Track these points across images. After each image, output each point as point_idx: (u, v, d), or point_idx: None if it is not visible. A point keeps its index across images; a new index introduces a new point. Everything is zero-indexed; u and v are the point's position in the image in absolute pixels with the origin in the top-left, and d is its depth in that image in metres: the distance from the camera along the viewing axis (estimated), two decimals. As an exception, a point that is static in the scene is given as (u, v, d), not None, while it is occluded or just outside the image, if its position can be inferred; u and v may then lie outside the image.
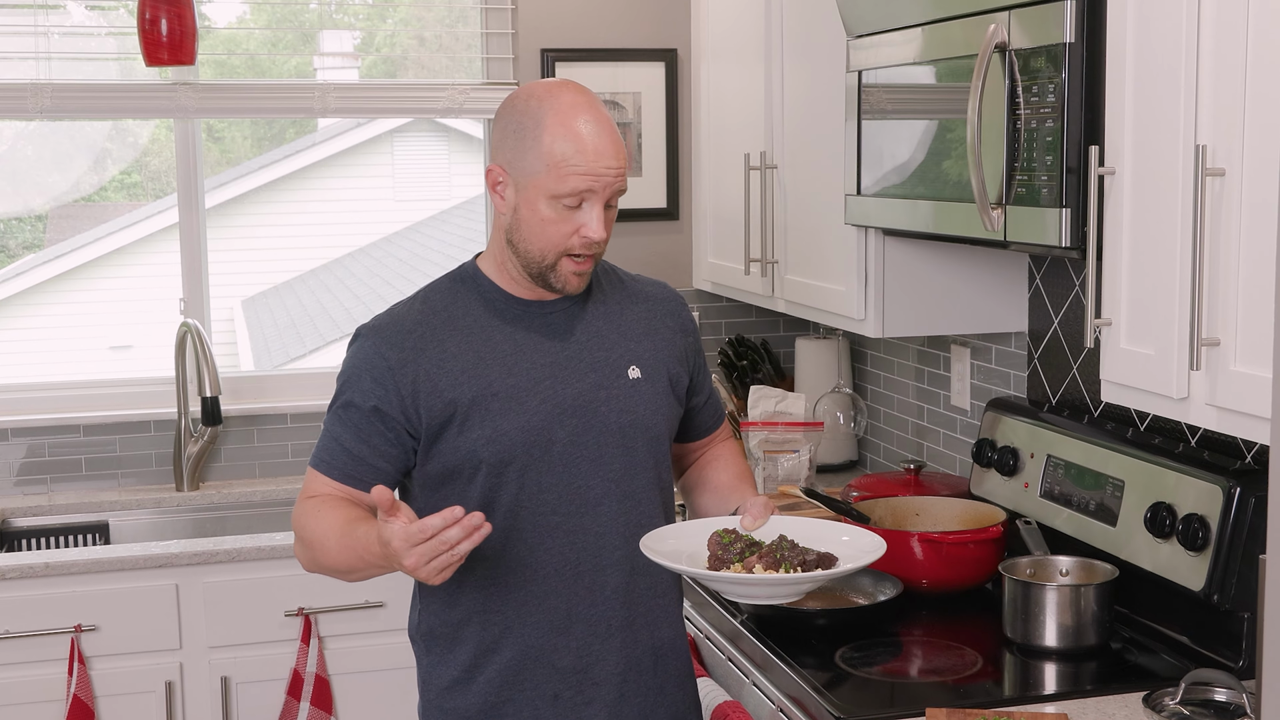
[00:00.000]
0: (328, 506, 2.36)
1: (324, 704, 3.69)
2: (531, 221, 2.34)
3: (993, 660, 2.79)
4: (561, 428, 2.39)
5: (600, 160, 2.31)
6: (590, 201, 2.32)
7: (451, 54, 4.49)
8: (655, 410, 2.47)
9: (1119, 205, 2.29)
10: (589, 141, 2.30)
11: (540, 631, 2.42)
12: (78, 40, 4.22)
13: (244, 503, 4.23)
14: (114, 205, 6.47)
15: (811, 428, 3.99)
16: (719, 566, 2.30)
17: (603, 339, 2.47)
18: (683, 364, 2.56)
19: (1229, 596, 2.55)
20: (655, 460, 2.49)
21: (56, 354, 5.47)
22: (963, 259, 3.28)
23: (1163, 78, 2.16)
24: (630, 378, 2.45)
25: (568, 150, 2.29)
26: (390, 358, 2.37)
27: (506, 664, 2.43)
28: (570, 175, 2.29)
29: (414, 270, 6.61)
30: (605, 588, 2.44)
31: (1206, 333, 2.09)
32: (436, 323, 2.41)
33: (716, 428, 2.71)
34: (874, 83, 3.00)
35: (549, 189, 2.31)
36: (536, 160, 2.31)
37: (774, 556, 2.28)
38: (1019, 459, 3.17)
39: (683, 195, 4.53)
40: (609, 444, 2.42)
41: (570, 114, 2.32)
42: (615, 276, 2.58)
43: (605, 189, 2.32)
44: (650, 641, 2.50)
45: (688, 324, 2.61)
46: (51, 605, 3.58)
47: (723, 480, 2.63)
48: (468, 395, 2.36)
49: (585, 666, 2.44)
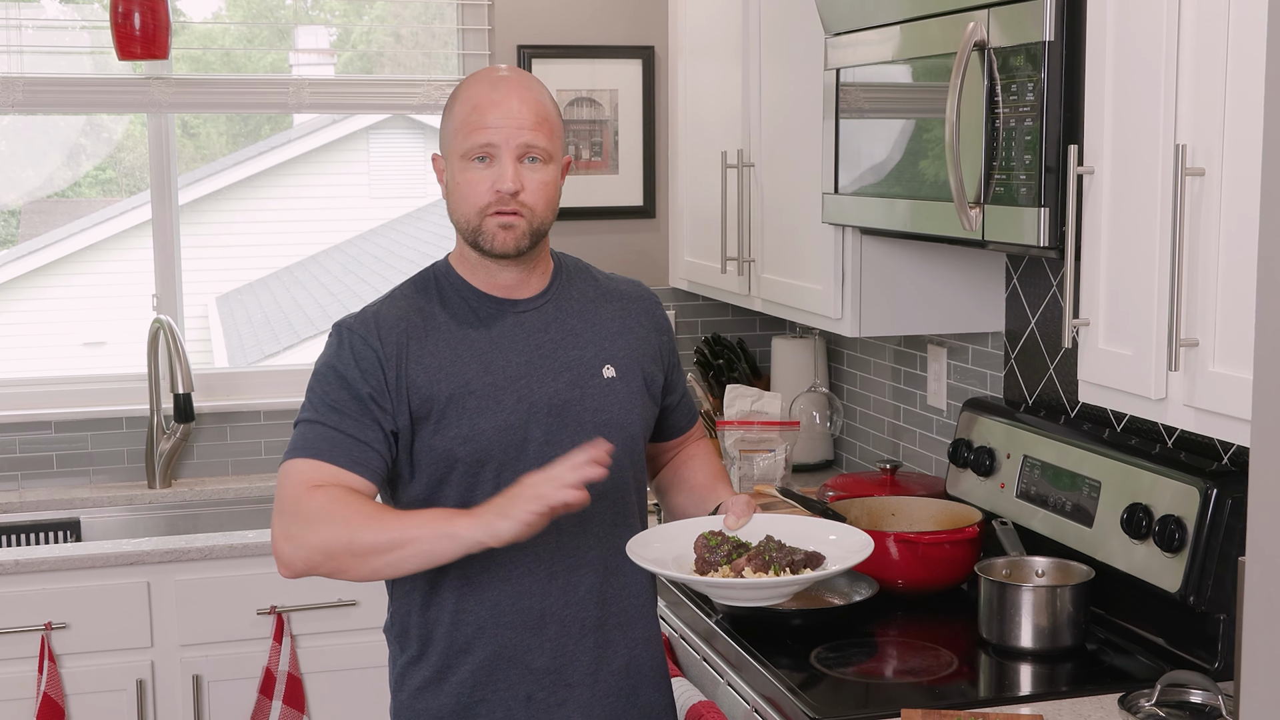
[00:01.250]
0: (355, 495, 2.27)
1: (296, 703, 3.67)
2: (454, 189, 2.40)
3: (968, 661, 2.78)
4: (537, 427, 2.38)
5: (499, 112, 2.35)
6: (497, 155, 2.35)
7: (428, 50, 4.47)
8: (630, 409, 2.46)
9: (1098, 205, 2.28)
10: (488, 96, 2.36)
11: (514, 632, 2.40)
12: (50, 34, 4.19)
13: (216, 500, 4.20)
14: (88, 201, 6.45)
15: (787, 427, 3.98)
16: (706, 569, 2.29)
17: (577, 337, 2.45)
18: (657, 363, 2.55)
19: (1205, 598, 2.54)
20: (630, 460, 2.47)
21: (29, 350, 5.44)
22: (940, 258, 3.28)
23: (1142, 77, 2.16)
24: (605, 377, 2.44)
25: (468, 109, 2.37)
26: (378, 348, 2.35)
27: (479, 664, 2.41)
28: (473, 130, 2.35)
29: (389, 268, 6.59)
30: (579, 588, 2.42)
31: (1185, 333, 2.09)
32: (417, 320, 2.40)
33: (690, 427, 2.70)
34: (852, 81, 2.99)
35: (460, 149, 2.37)
36: (451, 130, 2.39)
37: (763, 558, 2.27)
38: (995, 459, 3.16)
39: (659, 193, 4.52)
40: (584, 443, 2.41)
41: (476, 80, 2.41)
42: (589, 275, 2.57)
43: (509, 142, 2.34)
44: (624, 642, 2.48)
45: (662, 323, 2.60)
46: (21, 603, 3.56)
47: (699, 479, 2.62)
48: (444, 393, 2.35)
49: (558, 667, 2.42)
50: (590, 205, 4.47)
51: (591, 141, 4.45)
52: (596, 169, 4.47)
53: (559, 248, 2.59)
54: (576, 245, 4.37)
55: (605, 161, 4.47)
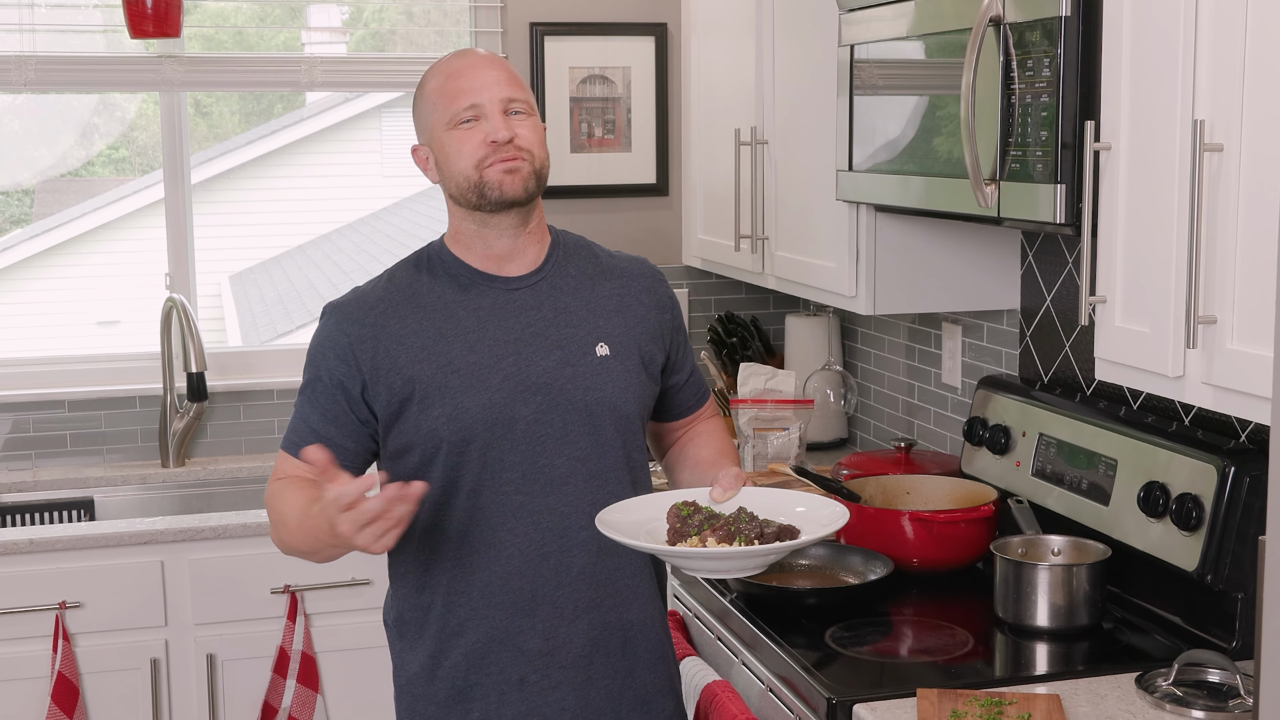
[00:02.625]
0: (293, 488, 2.37)
1: (310, 681, 3.68)
2: (447, 159, 2.40)
3: (984, 640, 2.77)
4: (525, 405, 2.37)
5: (472, 75, 2.39)
6: (483, 114, 2.37)
7: (440, 28, 4.46)
8: (624, 389, 2.44)
9: (1115, 181, 2.26)
10: (457, 65, 2.42)
11: (505, 614, 2.40)
12: (63, 13, 4.18)
13: (230, 479, 4.21)
14: (101, 180, 6.45)
15: (801, 405, 3.97)
16: (677, 539, 2.25)
17: (570, 315, 2.44)
18: (657, 341, 2.52)
19: (1223, 577, 2.53)
20: (624, 439, 2.45)
21: (43, 329, 5.45)
22: (955, 235, 3.26)
23: (1160, 52, 2.14)
24: (598, 355, 2.42)
25: (441, 80, 2.42)
26: (351, 334, 2.37)
27: (472, 647, 2.41)
28: (453, 99, 2.38)
29: (402, 246, 6.58)
30: (571, 569, 2.41)
31: (1203, 310, 2.07)
32: (400, 299, 2.41)
33: (699, 407, 2.68)
34: (866, 57, 2.97)
35: (443, 120, 2.39)
36: (428, 108, 2.43)
37: (729, 529, 2.23)
38: (1010, 437, 3.15)
39: (672, 171, 4.51)
40: (574, 422, 2.39)
41: (441, 62, 2.46)
42: (590, 253, 2.55)
43: (492, 99, 2.37)
44: (618, 623, 2.47)
45: (664, 300, 2.57)
46: (36, 582, 3.56)
47: (704, 456, 2.59)
48: (427, 372, 2.35)
49: (551, 649, 2.41)
50: (603, 183, 4.46)
51: (604, 119, 4.44)
52: (609, 147, 4.46)
53: (573, 227, 2.59)
54: (589, 223, 4.36)
55: (618, 139, 4.46)
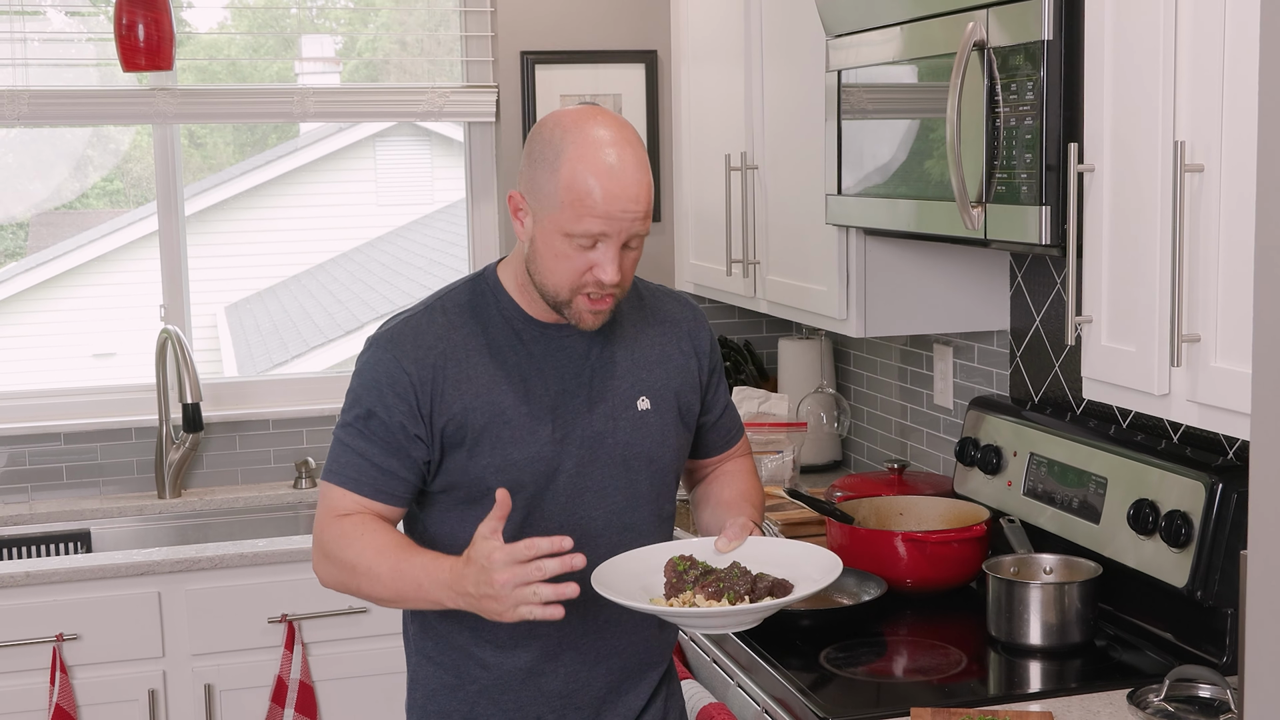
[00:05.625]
0: (371, 530, 2.28)
1: (308, 710, 3.68)
2: (546, 256, 2.25)
3: (977, 659, 2.78)
4: (569, 459, 2.34)
5: (617, 203, 2.19)
6: (605, 243, 2.22)
7: (432, 57, 4.48)
8: (662, 442, 2.42)
9: (1099, 202, 2.28)
10: (606, 182, 2.18)
11: (531, 657, 2.40)
12: (56, 47, 4.20)
13: (226, 509, 4.21)
14: (95, 212, 6.45)
15: (795, 428, 3.98)
16: (673, 594, 2.25)
17: (615, 367, 2.39)
18: (695, 391, 2.49)
19: (1212, 593, 2.55)
20: (658, 492, 2.44)
21: (38, 362, 5.45)
22: (944, 258, 3.28)
23: (1141, 74, 2.16)
24: (639, 409, 2.39)
25: (583, 190, 2.18)
26: (412, 373, 2.29)
27: (494, 681, 2.41)
28: (585, 216, 2.19)
29: (397, 275, 6.59)
30: (598, 618, 2.40)
31: (1187, 329, 2.09)
32: (456, 339, 2.33)
33: (729, 447, 2.63)
34: (854, 82, 3.00)
35: (563, 226, 2.20)
36: (553, 194, 2.21)
37: (719, 586, 2.22)
38: (1002, 457, 3.16)
39: (664, 197, 4.53)
40: (613, 476, 2.38)
41: (591, 150, 2.20)
42: (634, 292, 2.48)
43: (621, 233, 2.21)
44: (637, 667, 2.48)
45: (703, 345, 2.53)
46: (33, 614, 3.57)
47: (725, 497, 2.55)
48: (480, 421, 2.30)
49: (570, 691, 2.43)
50: (595, 210, 4.47)
51: (596, 146, 4.45)
52: (601, 173, 4.46)
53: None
54: (582, 250, 4.37)
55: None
